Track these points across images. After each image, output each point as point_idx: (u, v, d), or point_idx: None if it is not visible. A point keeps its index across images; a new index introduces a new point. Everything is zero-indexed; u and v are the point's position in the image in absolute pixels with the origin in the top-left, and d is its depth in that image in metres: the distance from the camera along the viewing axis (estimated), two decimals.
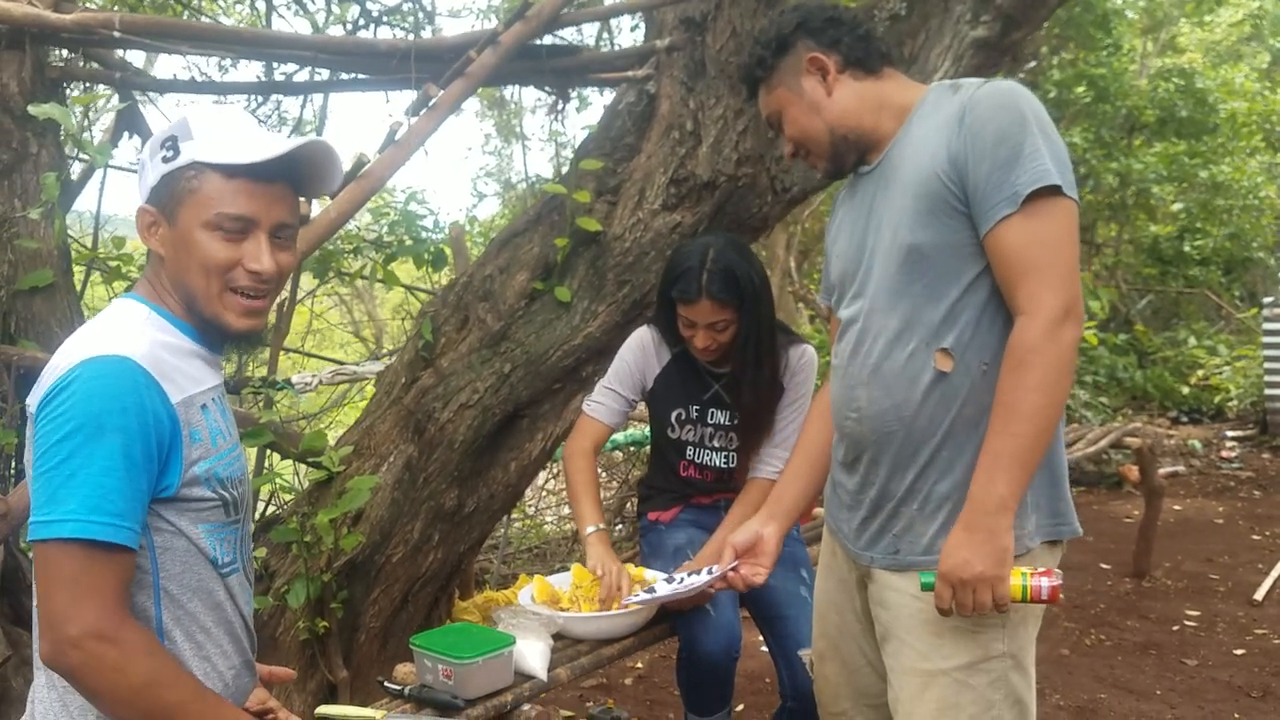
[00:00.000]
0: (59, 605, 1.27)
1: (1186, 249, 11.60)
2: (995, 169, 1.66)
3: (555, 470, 6.87)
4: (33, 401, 1.36)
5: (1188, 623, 4.91)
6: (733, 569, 2.13)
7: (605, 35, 7.87)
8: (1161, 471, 6.33)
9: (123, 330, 1.39)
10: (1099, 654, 4.53)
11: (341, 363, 6.31)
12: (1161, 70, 11.76)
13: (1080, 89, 10.37)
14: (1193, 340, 10.96)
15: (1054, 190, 1.64)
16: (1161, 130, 11.13)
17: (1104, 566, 5.90)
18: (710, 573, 2.28)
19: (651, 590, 2.45)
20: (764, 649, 2.79)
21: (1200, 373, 10.43)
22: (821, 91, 1.88)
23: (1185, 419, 10.42)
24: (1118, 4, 10.62)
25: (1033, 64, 10.14)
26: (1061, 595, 1.71)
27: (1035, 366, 1.63)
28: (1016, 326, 1.66)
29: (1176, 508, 7.30)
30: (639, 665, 4.48)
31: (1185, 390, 10.44)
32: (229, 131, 1.43)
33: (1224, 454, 9.14)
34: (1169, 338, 11.36)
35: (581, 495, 2.69)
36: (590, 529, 2.61)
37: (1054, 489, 1.80)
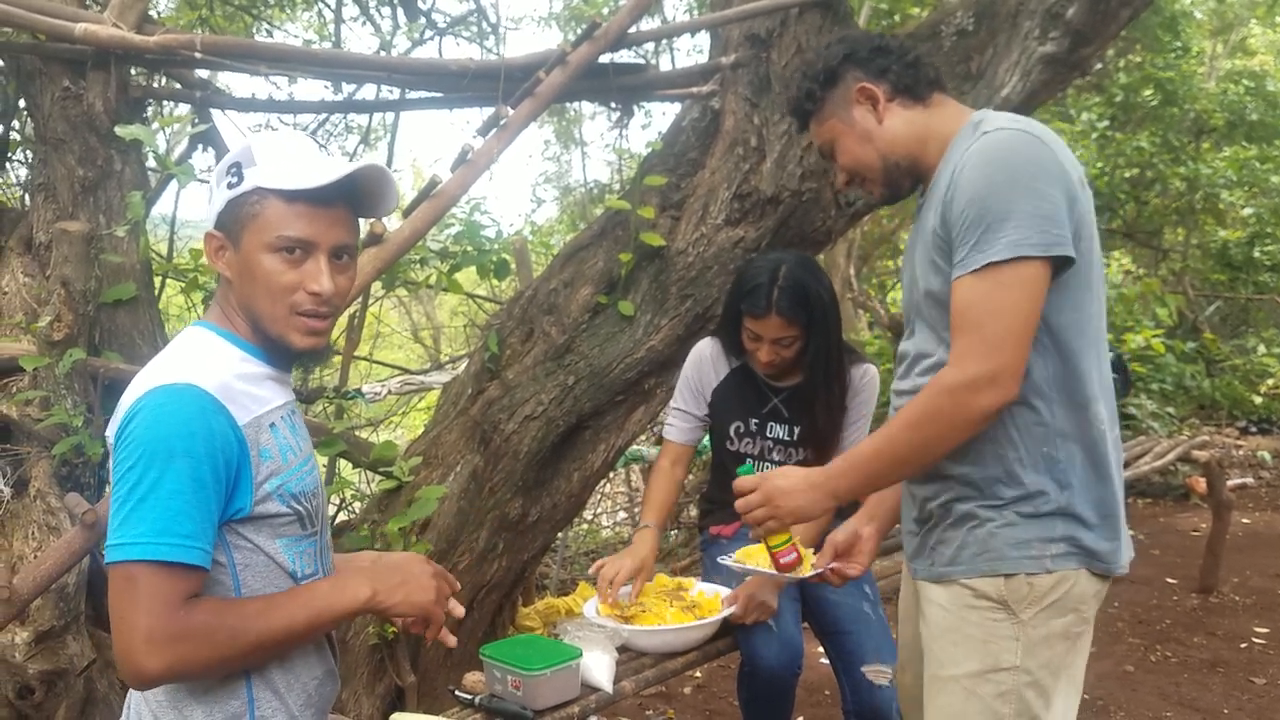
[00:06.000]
0: (135, 625, 1.31)
1: (1256, 254, 11.27)
2: (965, 229, 1.70)
3: (611, 475, 6.93)
4: (110, 433, 1.42)
5: (1256, 640, 4.81)
6: (830, 567, 2.21)
7: (666, 46, 7.91)
8: (1230, 484, 6.19)
9: (189, 358, 1.44)
10: (1164, 671, 4.46)
11: (408, 370, 6.43)
12: (1231, 73, 11.50)
13: (1147, 92, 10.16)
14: (1263, 348, 10.68)
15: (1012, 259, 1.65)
16: (1231, 134, 10.86)
17: (1170, 581, 5.80)
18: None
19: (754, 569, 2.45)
20: (823, 661, 2.80)
21: (1270, 381, 10.16)
22: (872, 120, 1.91)
23: (1254, 429, 10.14)
24: (1186, 6, 10.40)
25: (1099, 67, 9.98)
26: (789, 574, 2.11)
27: (927, 413, 1.72)
28: (942, 370, 1.72)
29: (1245, 521, 7.14)
30: (698, 675, 4.50)
31: (1256, 400, 10.18)
32: (290, 157, 1.47)
33: None
34: (1238, 345, 11.07)
35: (647, 498, 2.90)
36: (641, 525, 2.78)
37: (1105, 523, 1.79)
